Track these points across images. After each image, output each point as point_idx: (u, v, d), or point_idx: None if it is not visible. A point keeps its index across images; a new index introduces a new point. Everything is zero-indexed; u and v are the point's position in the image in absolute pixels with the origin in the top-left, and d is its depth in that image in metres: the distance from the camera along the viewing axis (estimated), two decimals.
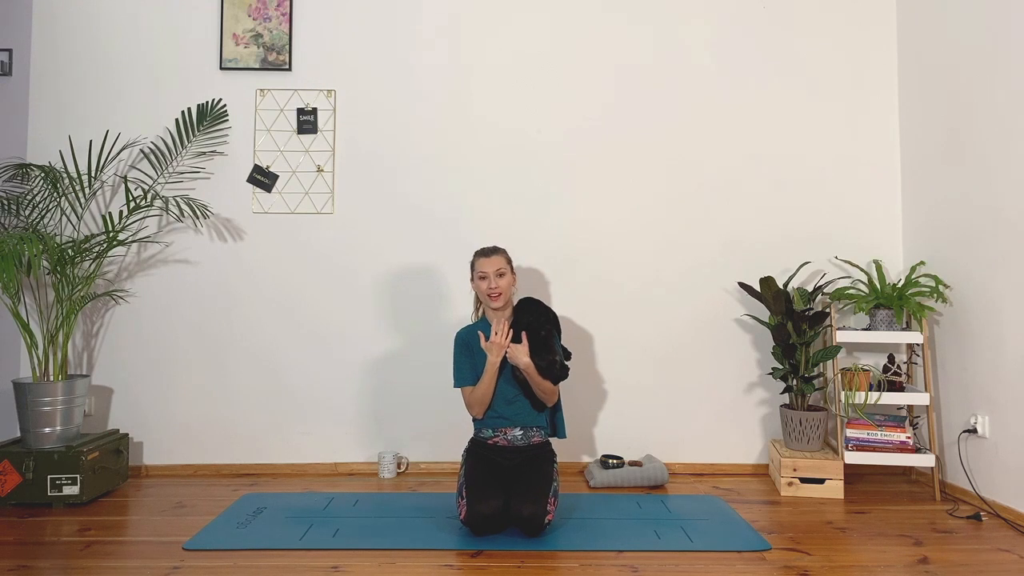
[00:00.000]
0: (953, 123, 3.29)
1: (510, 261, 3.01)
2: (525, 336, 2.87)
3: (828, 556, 2.53)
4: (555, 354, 2.87)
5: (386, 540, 2.65)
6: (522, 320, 2.94)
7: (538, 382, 2.84)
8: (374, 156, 3.67)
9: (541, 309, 2.98)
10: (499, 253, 2.98)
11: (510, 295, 2.99)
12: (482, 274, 2.94)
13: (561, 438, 3.10)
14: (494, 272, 2.92)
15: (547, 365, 2.83)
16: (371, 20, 3.69)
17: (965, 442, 3.20)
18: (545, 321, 2.93)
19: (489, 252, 2.98)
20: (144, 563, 2.45)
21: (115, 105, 3.63)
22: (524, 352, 2.82)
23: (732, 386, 3.66)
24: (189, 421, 3.61)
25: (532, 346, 2.85)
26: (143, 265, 3.63)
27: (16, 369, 3.56)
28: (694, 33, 3.70)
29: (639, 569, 2.41)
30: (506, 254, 3.00)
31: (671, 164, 3.69)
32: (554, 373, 2.84)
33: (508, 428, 2.92)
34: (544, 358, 2.83)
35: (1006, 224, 2.96)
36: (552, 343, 2.89)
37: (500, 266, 2.94)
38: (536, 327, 2.91)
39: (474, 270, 2.99)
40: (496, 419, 2.92)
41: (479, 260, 2.97)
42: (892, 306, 3.33)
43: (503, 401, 2.92)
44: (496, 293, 2.91)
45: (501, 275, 2.93)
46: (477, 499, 2.68)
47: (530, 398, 2.91)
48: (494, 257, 2.95)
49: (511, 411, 2.91)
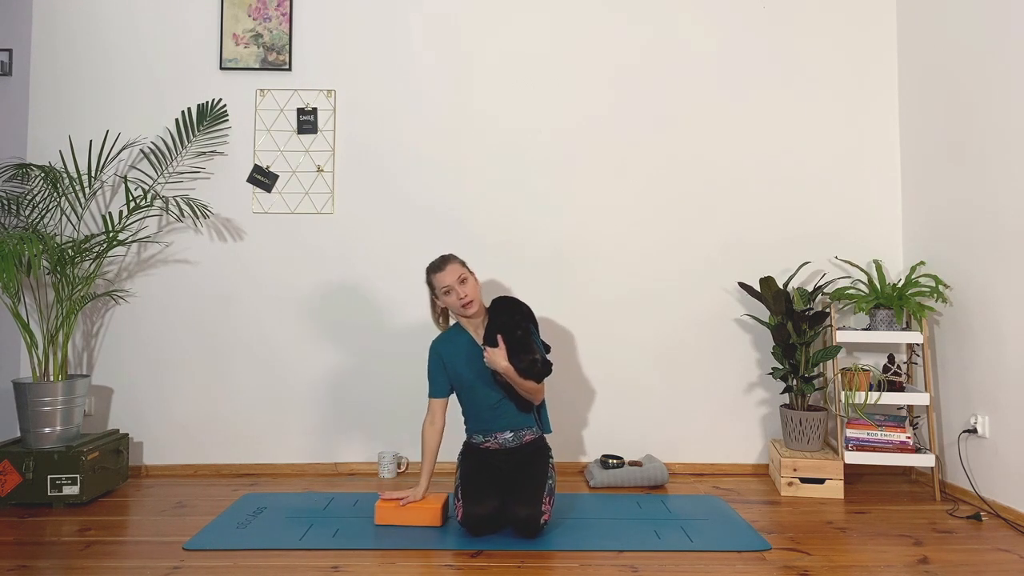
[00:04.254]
0: (953, 123, 3.29)
1: (465, 263, 2.88)
2: (502, 339, 2.77)
3: (828, 556, 2.53)
4: (534, 352, 2.75)
5: (386, 540, 2.64)
6: (496, 322, 2.82)
7: (520, 383, 2.74)
8: (374, 156, 3.67)
9: (514, 307, 2.86)
10: (453, 261, 2.84)
11: (481, 298, 2.89)
12: (446, 288, 2.79)
13: (547, 433, 3.02)
14: (457, 281, 2.78)
15: (527, 366, 2.72)
16: (371, 20, 3.69)
17: (965, 442, 3.20)
18: (521, 319, 2.82)
19: (442, 264, 2.83)
20: (144, 563, 2.45)
21: (115, 105, 3.63)
22: (502, 356, 2.72)
23: (732, 386, 3.66)
24: (189, 421, 3.61)
25: (509, 348, 2.74)
26: (143, 265, 3.63)
27: (16, 369, 3.56)
28: (694, 33, 3.70)
29: (639, 569, 2.41)
30: (459, 259, 2.87)
31: (671, 164, 3.69)
32: (536, 372, 2.73)
33: (498, 432, 2.87)
34: (523, 359, 2.72)
35: (1006, 224, 2.96)
36: (530, 342, 2.77)
37: (459, 273, 2.80)
38: (511, 328, 2.79)
39: (435, 288, 2.84)
40: (484, 424, 2.88)
41: (436, 276, 2.81)
42: (892, 306, 3.33)
43: (487, 406, 2.86)
44: (468, 301, 2.79)
45: (463, 281, 2.80)
46: (472, 500, 2.67)
47: (515, 400, 2.84)
48: (449, 267, 2.80)
49: (497, 415, 2.86)
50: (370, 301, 3.65)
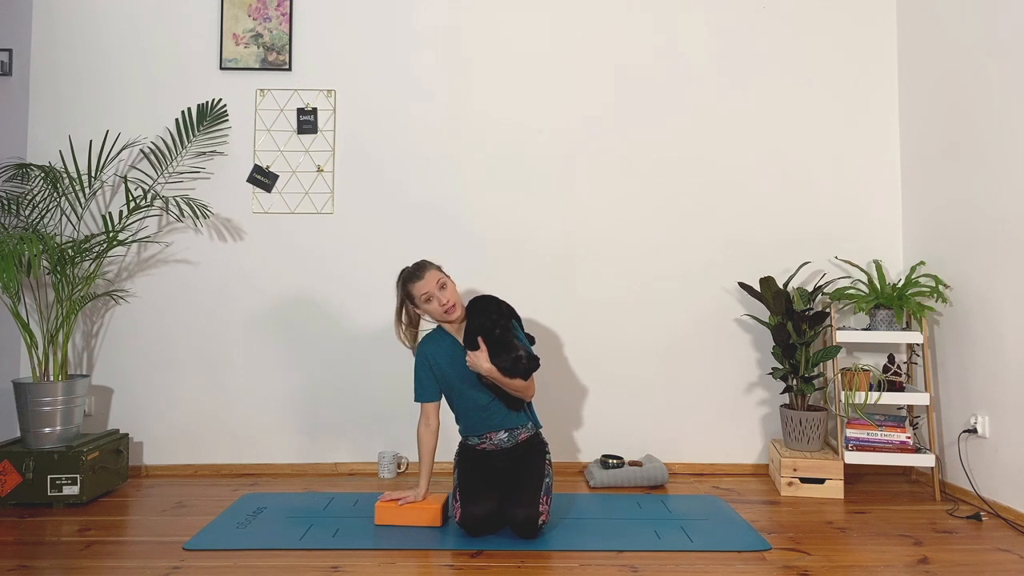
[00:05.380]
0: (953, 123, 3.29)
1: (440, 267, 2.85)
2: (482, 341, 2.71)
3: (828, 556, 2.53)
4: (516, 350, 2.70)
5: (386, 540, 2.64)
6: (474, 323, 2.77)
7: (507, 382, 2.70)
8: (374, 156, 3.67)
9: (493, 306, 2.80)
10: (429, 267, 2.80)
11: (461, 302, 2.83)
12: (426, 295, 2.74)
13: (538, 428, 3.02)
14: (436, 287, 2.75)
15: (511, 364, 2.68)
16: (371, 20, 3.69)
17: (965, 442, 3.20)
18: (500, 317, 2.77)
19: (420, 271, 2.78)
20: (144, 563, 2.45)
21: (115, 105, 3.63)
22: (484, 358, 2.68)
23: (732, 386, 3.66)
24: (189, 421, 3.61)
25: (490, 348, 2.69)
26: (143, 265, 3.63)
27: (16, 369, 3.56)
28: (694, 32, 3.71)
29: (639, 569, 2.41)
30: (434, 264, 2.84)
31: (671, 163, 3.69)
32: (521, 368, 2.68)
33: (491, 433, 2.85)
34: (505, 358, 2.68)
35: (1006, 224, 2.96)
36: (511, 339, 2.73)
37: (438, 278, 2.77)
38: (490, 327, 2.73)
39: (413, 297, 2.77)
40: (476, 426, 2.86)
41: (414, 285, 2.76)
42: (892, 306, 3.33)
43: (476, 409, 2.83)
44: (450, 306, 2.74)
45: (443, 287, 2.76)
46: (470, 501, 2.67)
47: (504, 399, 2.81)
48: (428, 273, 2.77)
49: (488, 416, 2.83)
50: (370, 301, 3.64)
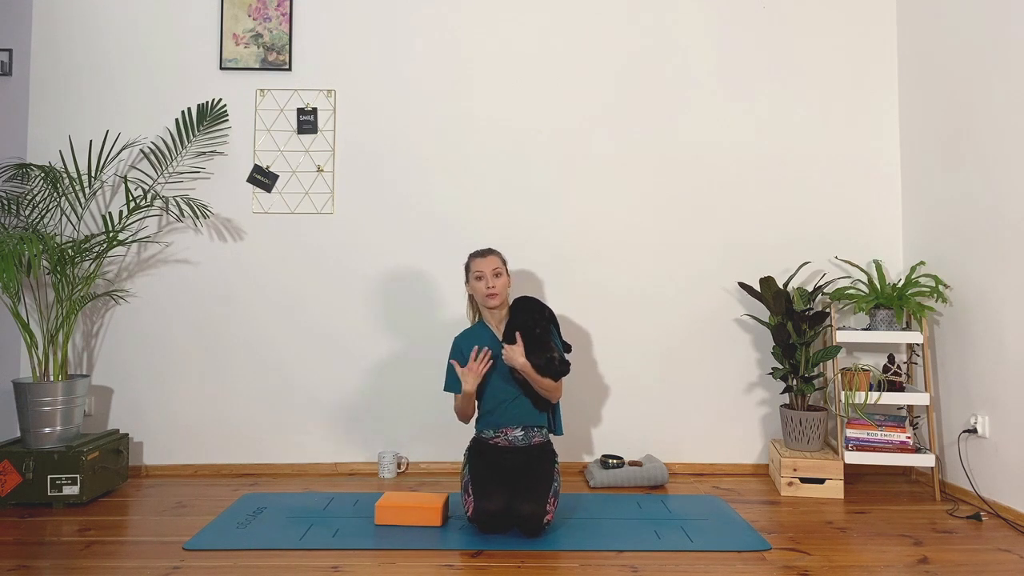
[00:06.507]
0: (953, 123, 3.29)
1: (505, 262, 3.05)
2: (520, 336, 2.84)
3: (828, 556, 2.53)
4: (552, 351, 2.82)
5: (386, 540, 2.65)
6: (516, 319, 2.92)
7: (537, 380, 2.82)
8: (374, 156, 3.67)
9: (536, 307, 2.95)
10: (494, 254, 3.01)
11: (506, 296, 3.01)
12: (478, 274, 2.96)
13: (558, 435, 3.09)
14: (491, 272, 2.95)
15: (544, 363, 2.80)
16: (371, 20, 3.69)
17: (965, 442, 3.20)
18: (540, 318, 2.90)
19: (485, 253, 3.01)
20: (144, 563, 2.45)
21: (115, 105, 3.63)
22: (520, 353, 2.80)
23: (732, 386, 3.66)
24: (189, 421, 3.61)
25: (527, 345, 2.82)
26: (143, 265, 3.63)
27: (16, 369, 3.56)
28: (694, 33, 3.70)
29: (639, 569, 2.41)
30: (501, 255, 3.04)
31: (671, 163, 3.69)
32: (553, 370, 2.81)
33: (509, 428, 2.91)
34: (540, 356, 2.80)
35: (1006, 224, 2.96)
36: (548, 340, 2.86)
37: (496, 266, 2.97)
38: (531, 325, 2.87)
39: (469, 271, 3.01)
40: (497, 419, 2.92)
41: (475, 261, 2.99)
42: (892, 306, 3.33)
43: (504, 401, 2.91)
44: (493, 292, 2.93)
45: (498, 275, 2.96)
46: (482, 496, 2.68)
47: (532, 397, 2.89)
48: (490, 257, 2.98)
49: (512, 411, 2.91)
50: (370, 301, 3.64)
